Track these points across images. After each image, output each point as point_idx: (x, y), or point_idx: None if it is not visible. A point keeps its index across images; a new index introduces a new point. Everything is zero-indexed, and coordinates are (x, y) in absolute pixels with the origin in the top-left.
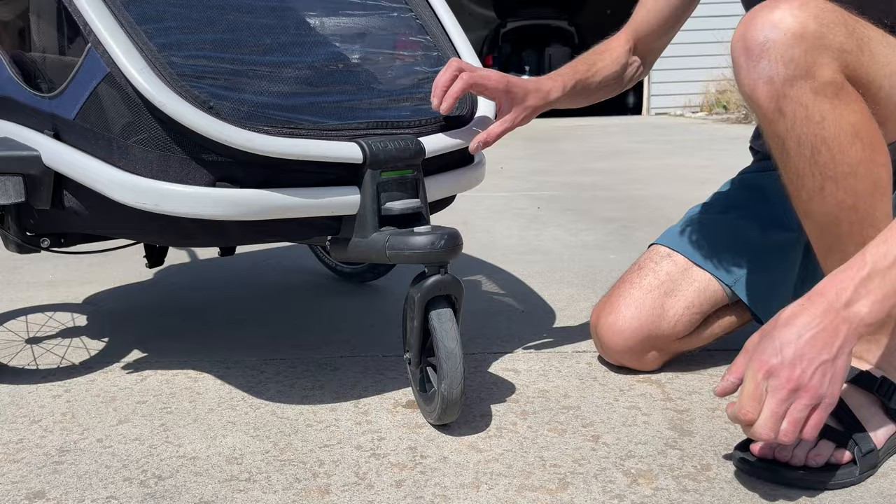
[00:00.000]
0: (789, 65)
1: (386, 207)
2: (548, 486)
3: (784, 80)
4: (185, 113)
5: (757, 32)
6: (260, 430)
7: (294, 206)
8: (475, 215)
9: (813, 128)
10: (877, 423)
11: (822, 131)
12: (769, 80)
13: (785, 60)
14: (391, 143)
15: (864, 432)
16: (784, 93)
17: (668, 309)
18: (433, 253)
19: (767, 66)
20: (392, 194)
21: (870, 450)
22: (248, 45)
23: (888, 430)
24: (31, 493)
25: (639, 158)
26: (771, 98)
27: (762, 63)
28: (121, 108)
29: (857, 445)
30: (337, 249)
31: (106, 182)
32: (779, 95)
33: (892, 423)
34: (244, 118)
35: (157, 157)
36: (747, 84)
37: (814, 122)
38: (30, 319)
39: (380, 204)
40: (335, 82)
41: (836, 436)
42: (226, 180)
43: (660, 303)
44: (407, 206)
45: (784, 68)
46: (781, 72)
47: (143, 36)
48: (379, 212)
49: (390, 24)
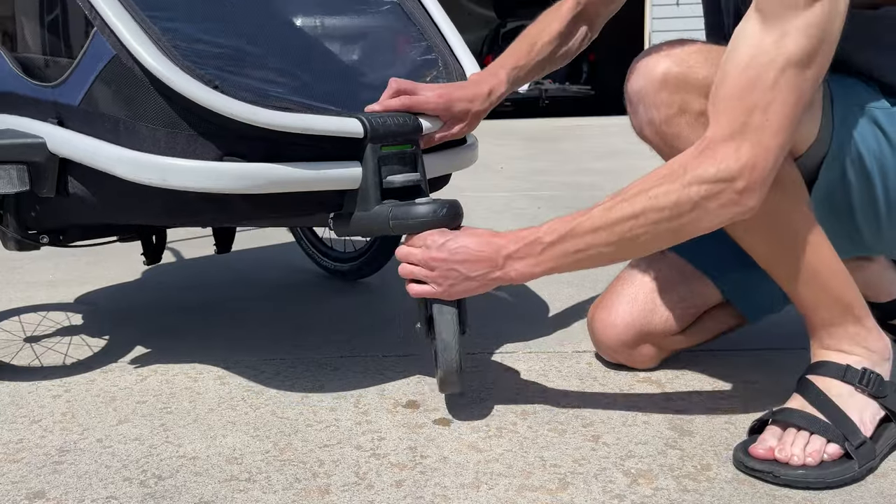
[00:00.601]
0: (661, 107)
1: (387, 181)
2: (548, 486)
3: (661, 121)
4: (193, 89)
5: (633, 84)
6: (260, 430)
7: (298, 178)
8: (475, 215)
9: None
10: (862, 410)
11: None
12: (649, 121)
13: (656, 104)
14: (390, 118)
15: (852, 423)
16: (664, 130)
17: (661, 304)
18: (436, 220)
19: (644, 111)
20: (393, 167)
21: (861, 441)
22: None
23: (875, 415)
24: (31, 493)
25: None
26: (655, 136)
27: (640, 108)
28: (127, 88)
29: (847, 439)
30: (340, 225)
31: (113, 160)
32: (661, 133)
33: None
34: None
35: (165, 134)
36: (636, 126)
37: None
38: (29, 319)
39: (381, 177)
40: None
41: (827, 430)
42: (232, 155)
43: (652, 298)
44: (408, 178)
45: (656, 111)
46: (655, 115)
47: (147, 21)
48: (381, 185)
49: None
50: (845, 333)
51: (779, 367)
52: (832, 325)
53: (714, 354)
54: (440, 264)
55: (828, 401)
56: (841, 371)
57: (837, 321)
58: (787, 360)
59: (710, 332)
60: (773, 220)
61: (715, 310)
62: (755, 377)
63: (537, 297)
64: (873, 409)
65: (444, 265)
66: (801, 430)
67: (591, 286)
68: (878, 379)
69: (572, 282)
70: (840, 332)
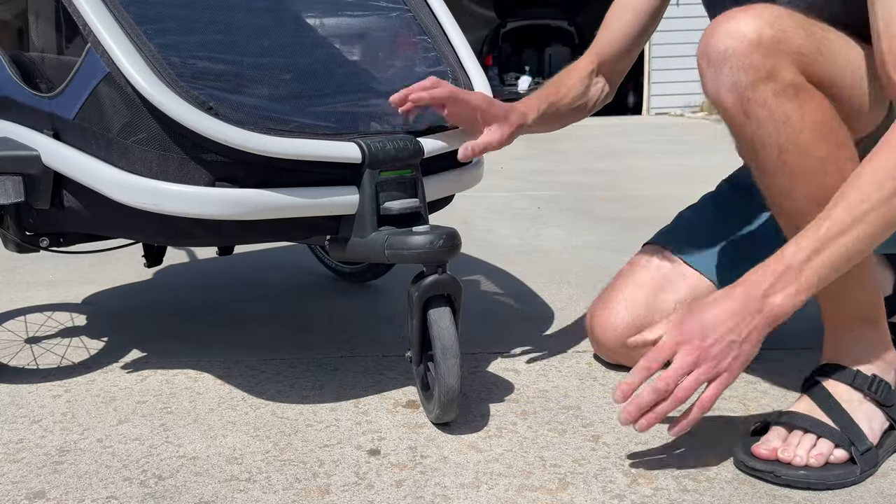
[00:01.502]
0: (750, 71)
1: (385, 207)
2: (548, 486)
3: (746, 86)
4: (185, 113)
5: (718, 42)
6: (260, 430)
7: (293, 205)
8: (475, 215)
9: (778, 128)
10: (872, 419)
11: (787, 131)
12: (732, 87)
13: (745, 67)
14: (389, 143)
15: (860, 430)
16: (747, 97)
17: (660, 304)
18: (431, 252)
19: (730, 73)
20: (391, 194)
21: (867, 448)
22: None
23: (882, 424)
24: (31, 493)
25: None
26: (736, 103)
27: (724, 71)
28: (120, 108)
29: (854, 444)
30: (336, 249)
31: (105, 182)
32: (743, 100)
33: (885, 418)
34: (243, 118)
35: (157, 156)
36: (713, 91)
37: (778, 122)
38: (29, 319)
39: (378, 203)
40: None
41: (834, 435)
42: (225, 180)
43: (652, 298)
44: (405, 205)
45: (745, 74)
46: (743, 78)
47: (142, 36)
48: (378, 211)
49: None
50: (861, 337)
51: (779, 367)
52: (852, 328)
53: None
54: (712, 349)
55: (837, 405)
56: (851, 376)
57: (858, 324)
58: (787, 360)
59: None
60: None
61: None
62: (755, 377)
63: (537, 297)
64: (881, 418)
65: (717, 347)
66: (808, 433)
67: (591, 286)
68: (888, 387)
69: (572, 282)
70: (857, 335)
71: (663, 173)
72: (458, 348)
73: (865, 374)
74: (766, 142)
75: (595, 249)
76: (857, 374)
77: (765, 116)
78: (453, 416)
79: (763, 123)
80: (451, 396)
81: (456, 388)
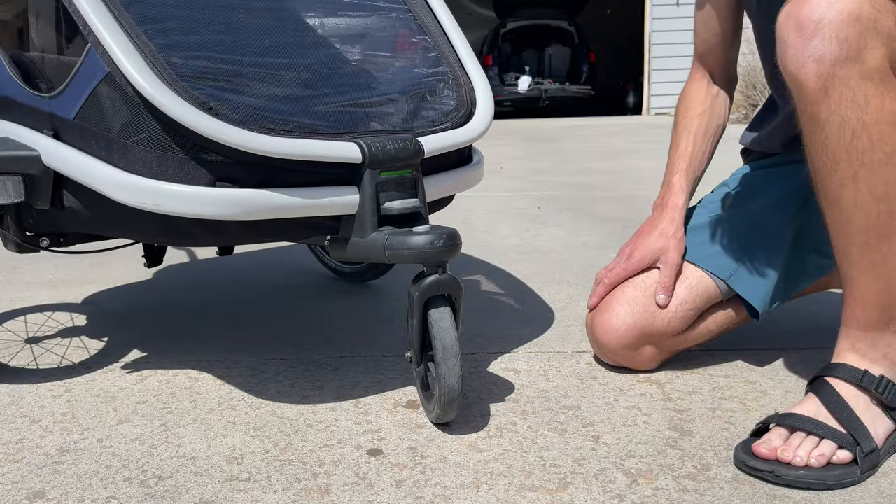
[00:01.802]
0: (843, 45)
1: (385, 207)
2: (548, 486)
3: (834, 61)
4: (185, 113)
5: (812, 10)
6: (260, 430)
7: (293, 205)
8: (475, 215)
9: (857, 111)
10: (878, 422)
11: (865, 116)
12: (819, 59)
13: (839, 40)
14: (390, 143)
15: (867, 432)
16: (833, 73)
17: None
18: (432, 252)
19: (820, 44)
20: (391, 194)
21: (871, 450)
22: (247, 47)
23: (888, 428)
24: (31, 493)
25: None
26: (818, 77)
27: (814, 41)
28: (121, 108)
29: (860, 445)
30: (336, 249)
31: (106, 182)
32: (827, 75)
33: (891, 421)
34: (243, 118)
35: (157, 156)
36: (795, 61)
37: (858, 105)
38: (29, 319)
39: (379, 204)
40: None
41: (838, 437)
42: (225, 180)
43: (653, 299)
44: (406, 205)
45: (837, 48)
46: (834, 51)
47: (142, 36)
48: (378, 211)
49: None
50: (882, 341)
51: (779, 367)
52: (875, 329)
53: (714, 354)
54: None
55: (845, 407)
56: (859, 376)
57: (881, 326)
58: (787, 360)
59: (711, 332)
60: None
61: (715, 310)
62: (755, 377)
63: (537, 297)
64: (886, 422)
65: None
66: (811, 435)
67: (591, 286)
68: (894, 388)
69: (572, 282)
70: (877, 337)
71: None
72: (459, 349)
73: (873, 375)
74: (839, 123)
75: (595, 249)
76: (865, 374)
77: (846, 97)
78: (453, 416)
79: (842, 104)
80: (451, 397)
81: (456, 388)
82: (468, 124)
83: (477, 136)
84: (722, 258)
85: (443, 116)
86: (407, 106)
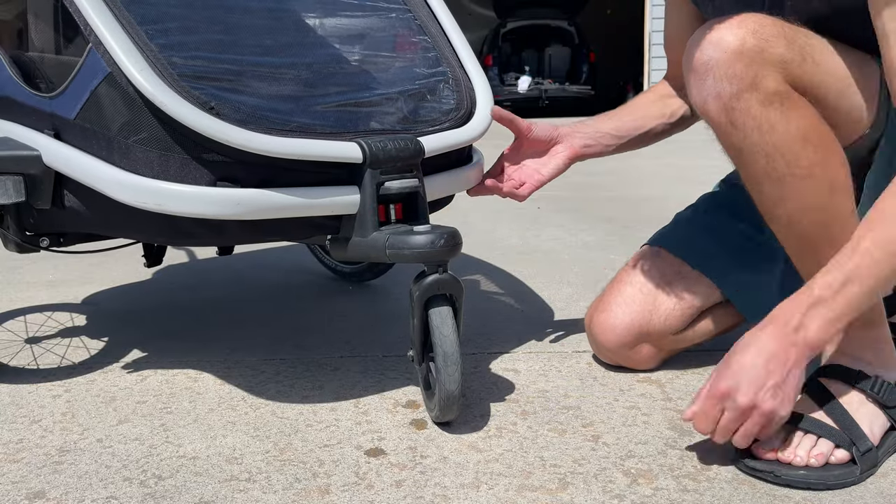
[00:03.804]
0: (733, 80)
1: (384, 187)
2: (548, 486)
3: (731, 95)
4: (186, 113)
5: (701, 53)
6: (260, 430)
7: (294, 205)
8: (475, 215)
9: (764, 136)
10: (872, 420)
11: (774, 139)
12: (717, 95)
13: (729, 77)
14: (391, 142)
15: (861, 431)
16: (732, 106)
17: (660, 304)
18: (433, 252)
19: (713, 83)
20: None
21: (868, 448)
22: (248, 46)
23: (883, 426)
24: (31, 493)
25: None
26: (721, 112)
27: (708, 81)
28: (121, 108)
29: (855, 444)
30: (337, 249)
31: (107, 182)
32: (728, 109)
33: (886, 419)
34: (244, 118)
35: (158, 156)
36: (699, 100)
37: (764, 131)
38: (29, 319)
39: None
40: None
41: (834, 435)
42: (226, 180)
43: (651, 298)
44: (404, 185)
45: (729, 84)
46: (727, 87)
47: (143, 36)
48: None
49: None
50: (866, 338)
51: None
52: (854, 330)
53: (714, 354)
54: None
55: (838, 406)
56: (853, 376)
57: (860, 326)
58: None
59: (710, 332)
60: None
61: (714, 310)
62: None
63: (537, 297)
64: (882, 420)
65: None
66: (808, 434)
67: (591, 286)
68: (889, 388)
69: (572, 282)
70: (860, 335)
71: (663, 173)
72: (460, 355)
73: (867, 375)
74: (753, 150)
75: (595, 249)
76: (859, 374)
77: (751, 125)
78: (454, 416)
79: (749, 132)
80: (451, 401)
81: (456, 393)
82: (468, 124)
83: (477, 136)
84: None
85: (443, 116)
86: (407, 106)
